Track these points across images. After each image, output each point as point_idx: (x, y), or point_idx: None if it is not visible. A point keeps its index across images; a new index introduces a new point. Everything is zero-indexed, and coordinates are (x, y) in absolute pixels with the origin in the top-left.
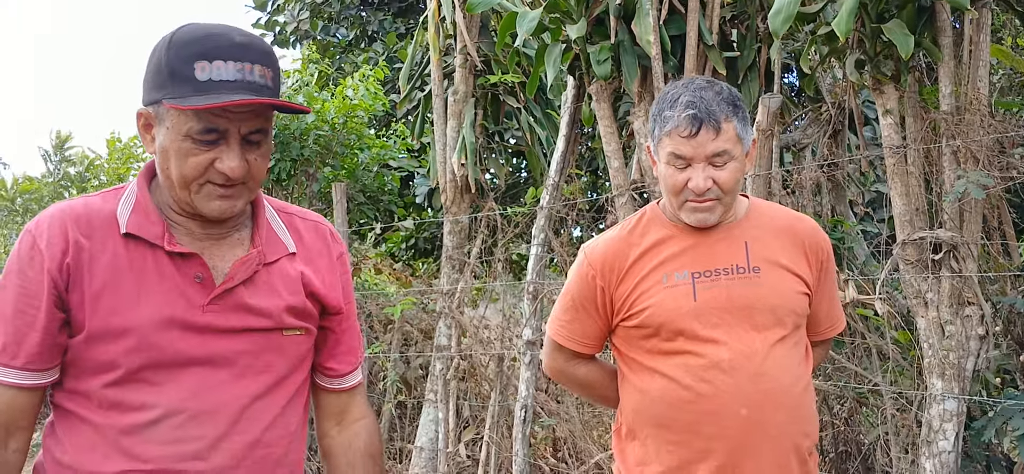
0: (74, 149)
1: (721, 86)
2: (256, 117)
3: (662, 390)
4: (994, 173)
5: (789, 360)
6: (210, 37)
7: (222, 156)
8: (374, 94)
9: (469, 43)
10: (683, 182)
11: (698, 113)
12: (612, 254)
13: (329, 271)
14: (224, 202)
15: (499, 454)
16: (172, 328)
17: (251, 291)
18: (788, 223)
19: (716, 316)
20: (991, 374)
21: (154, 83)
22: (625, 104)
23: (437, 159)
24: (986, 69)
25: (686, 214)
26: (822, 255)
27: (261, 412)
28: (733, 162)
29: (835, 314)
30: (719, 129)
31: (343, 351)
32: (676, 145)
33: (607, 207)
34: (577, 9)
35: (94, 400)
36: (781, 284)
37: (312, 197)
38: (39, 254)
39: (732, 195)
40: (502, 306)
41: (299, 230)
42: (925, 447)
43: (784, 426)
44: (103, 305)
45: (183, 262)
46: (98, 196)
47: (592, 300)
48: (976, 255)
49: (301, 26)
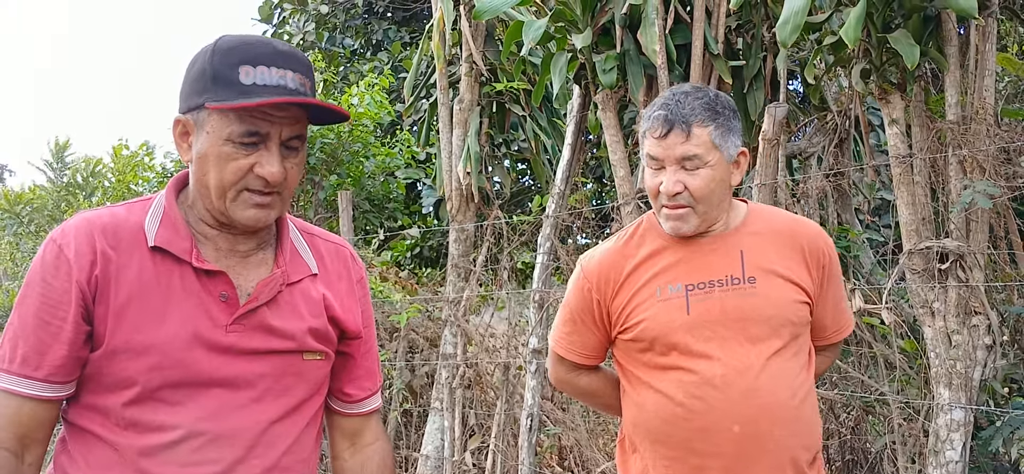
0: (73, 155)
1: (710, 95)
2: (295, 123)
3: (656, 406)
4: (1000, 182)
5: (786, 372)
6: (255, 45)
7: (262, 160)
8: (379, 103)
9: (474, 51)
10: (657, 185)
11: (669, 114)
12: (607, 266)
13: (348, 295)
14: (260, 211)
15: (505, 462)
16: (195, 347)
17: (274, 312)
18: (788, 228)
19: (709, 330)
20: (998, 384)
21: (195, 89)
22: (630, 112)
23: (442, 168)
24: (992, 78)
25: (663, 220)
26: (824, 259)
27: (279, 437)
28: (706, 169)
29: (842, 319)
30: (689, 133)
31: (361, 375)
32: (650, 146)
33: (613, 215)
34: (583, 18)
35: (112, 418)
36: (777, 293)
37: (318, 205)
38: (66, 263)
39: (706, 204)
40: (508, 314)
41: (321, 252)
42: (932, 457)
43: (781, 440)
44: (128, 320)
45: (209, 279)
46: (123, 207)
47: (590, 313)
48: (983, 264)
49: (307, 37)
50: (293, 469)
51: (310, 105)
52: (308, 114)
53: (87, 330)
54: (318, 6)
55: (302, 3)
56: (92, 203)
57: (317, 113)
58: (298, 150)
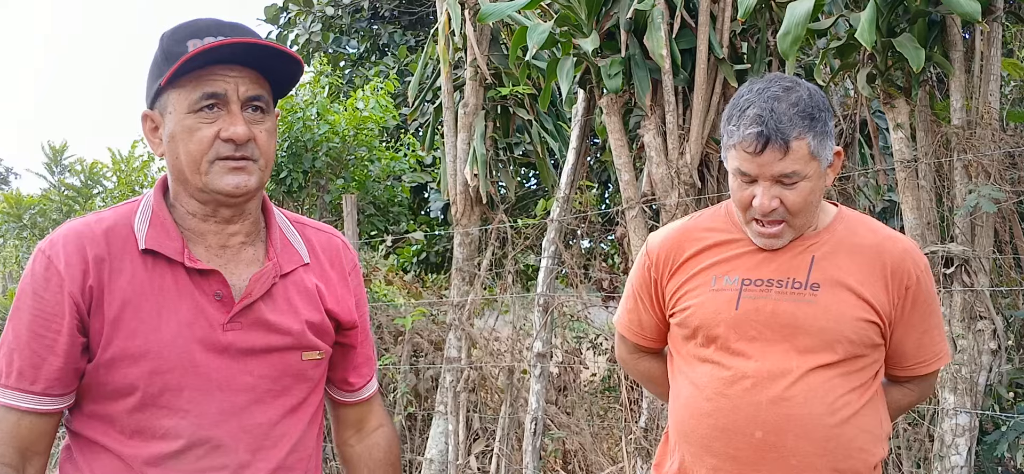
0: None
1: (801, 92)
2: (253, 84)
3: (688, 399)
4: (1005, 187)
5: (829, 389)
6: (201, 21)
7: (225, 123)
8: (385, 106)
9: (479, 55)
10: (748, 199)
11: (764, 130)
12: (669, 245)
13: (341, 283)
14: (237, 176)
15: (509, 467)
16: (194, 349)
17: (270, 306)
18: (874, 242)
19: (754, 329)
20: (1003, 388)
21: (152, 76)
22: (635, 116)
23: (447, 172)
24: (997, 82)
25: (753, 235)
26: (909, 281)
27: (282, 436)
28: (804, 182)
29: (928, 351)
30: (788, 149)
31: (360, 363)
32: (741, 160)
33: (618, 219)
34: (588, 23)
35: (115, 426)
36: (839, 307)
37: (323, 208)
38: (56, 274)
39: (803, 216)
40: (512, 318)
41: (312, 241)
42: (937, 462)
43: (810, 458)
44: (124, 326)
45: (202, 279)
46: (110, 212)
47: (647, 292)
48: (988, 269)
49: (312, 40)
50: (298, 467)
51: (268, 60)
52: (269, 81)
53: (82, 341)
54: (324, 9)
55: (308, 5)
56: (96, 205)
57: (275, 71)
58: (265, 114)
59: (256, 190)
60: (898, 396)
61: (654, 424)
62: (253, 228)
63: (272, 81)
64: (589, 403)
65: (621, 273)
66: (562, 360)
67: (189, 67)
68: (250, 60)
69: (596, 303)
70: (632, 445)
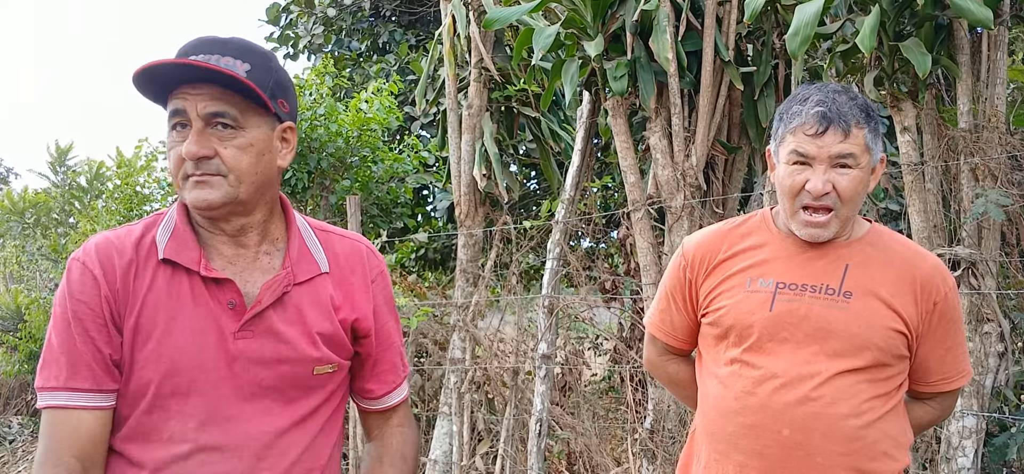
0: (76, 158)
1: (858, 96)
2: (214, 100)
3: (716, 397)
4: (1012, 190)
5: (855, 392)
6: (197, 39)
7: (186, 140)
8: (388, 107)
9: (486, 56)
10: (801, 183)
11: (828, 112)
12: (705, 246)
13: (361, 290)
14: (200, 191)
15: (513, 468)
16: (203, 356)
17: (281, 315)
18: (906, 256)
19: (787, 332)
20: (1010, 391)
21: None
22: (640, 118)
23: (452, 173)
24: (1004, 86)
25: (798, 225)
26: (937, 296)
27: (289, 446)
28: (857, 171)
29: (951, 368)
30: (848, 132)
31: (383, 371)
32: (799, 142)
33: (623, 221)
34: (593, 26)
35: (124, 430)
36: (870, 315)
37: (327, 210)
38: (91, 278)
39: (850, 207)
40: (517, 319)
41: (335, 249)
42: (944, 464)
43: (836, 457)
44: (141, 332)
45: (217, 288)
46: (139, 224)
47: (681, 292)
48: (994, 272)
49: (314, 40)
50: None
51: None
52: (243, 93)
53: (120, 339)
54: (325, 9)
55: (309, 6)
56: (98, 206)
57: (259, 83)
58: (235, 130)
59: (224, 204)
60: (920, 413)
61: (660, 425)
62: (268, 238)
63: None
64: (593, 404)
65: (622, 274)
66: (565, 361)
67: (162, 86)
68: (215, 77)
69: (599, 304)
70: (637, 446)
